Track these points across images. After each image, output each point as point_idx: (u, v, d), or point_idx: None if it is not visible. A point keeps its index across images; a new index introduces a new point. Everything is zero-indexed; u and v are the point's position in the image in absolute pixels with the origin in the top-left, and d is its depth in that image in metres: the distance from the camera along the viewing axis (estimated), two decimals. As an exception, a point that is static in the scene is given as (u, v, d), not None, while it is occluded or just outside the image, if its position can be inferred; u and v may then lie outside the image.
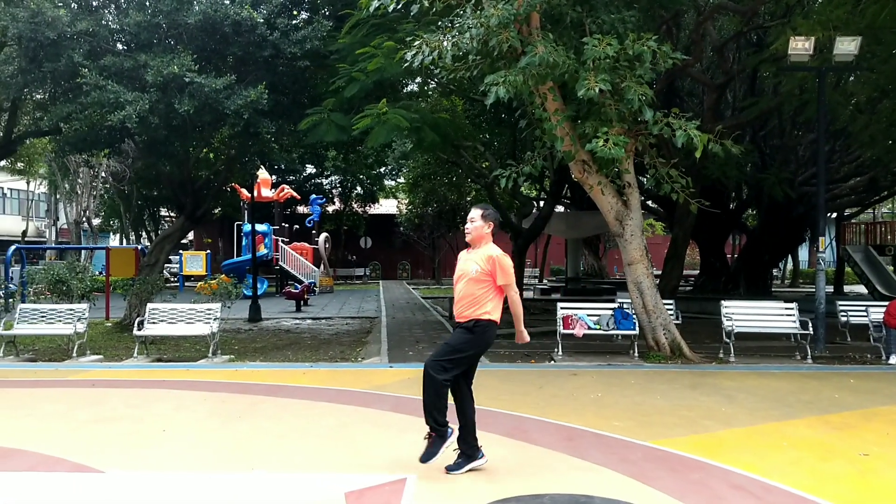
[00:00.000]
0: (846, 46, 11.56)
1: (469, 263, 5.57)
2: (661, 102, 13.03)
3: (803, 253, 44.41)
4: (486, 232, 5.62)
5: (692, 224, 17.35)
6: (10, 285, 18.35)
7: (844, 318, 14.01)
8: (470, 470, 5.44)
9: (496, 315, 5.52)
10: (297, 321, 19.53)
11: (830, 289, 25.86)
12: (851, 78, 15.64)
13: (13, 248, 24.37)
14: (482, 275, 5.48)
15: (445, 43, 9.63)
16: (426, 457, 5.37)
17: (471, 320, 5.46)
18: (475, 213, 5.65)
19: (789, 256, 39.88)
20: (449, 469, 5.42)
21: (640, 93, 9.48)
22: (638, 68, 9.77)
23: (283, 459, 5.88)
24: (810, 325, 11.72)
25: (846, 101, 15.36)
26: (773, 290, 27.56)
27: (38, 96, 16.75)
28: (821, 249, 12.98)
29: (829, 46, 11.83)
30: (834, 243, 30.38)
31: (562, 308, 12.25)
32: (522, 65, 9.45)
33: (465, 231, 5.69)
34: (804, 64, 12.20)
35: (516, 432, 6.71)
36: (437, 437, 5.39)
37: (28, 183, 44.73)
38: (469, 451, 5.50)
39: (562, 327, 11.90)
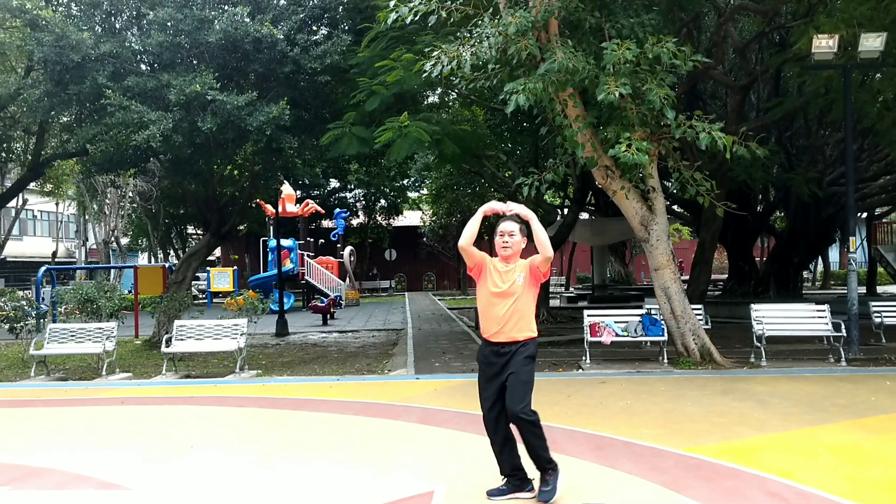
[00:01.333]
0: (871, 43, 11.38)
1: (511, 275, 5.08)
2: (683, 106, 12.92)
3: (833, 254, 43.71)
4: (524, 246, 5.23)
5: (719, 228, 17.13)
6: (42, 306, 18.59)
7: (878, 319, 13.73)
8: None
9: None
10: (324, 335, 19.56)
11: (863, 290, 25.40)
12: (878, 75, 15.38)
13: (43, 269, 24.74)
14: (529, 284, 5.11)
15: (464, 53, 9.62)
16: (549, 496, 4.97)
17: (529, 340, 5.11)
18: (514, 227, 5.11)
19: (819, 258, 39.28)
20: (492, 494, 5.14)
21: (662, 94, 9.39)
22: (659, 71, 9.69)
23: (311, 474, 5.85)
24: (843, 327, 11.48)
25: (873, 98, 15.08)
26: (803, 292, 27.11)
27: (65, 119, 16.99)
28: (851, 249, 12.74)
29: (854, 44, 11.65)
30: (865, 243, 29.85)
31: (589, 315, 12.13)
32: (542, 72, 9.41)
33: (504, 245, 5.09)
34: (829, 62, 12.02)
35: (545, 442, 6.62)
36: (552, 472, 5.03)
37: (57, 205, 45.44)
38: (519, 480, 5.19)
39: (589, 335, 11.78)
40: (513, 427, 5.03)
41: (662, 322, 11.75)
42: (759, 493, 5.08)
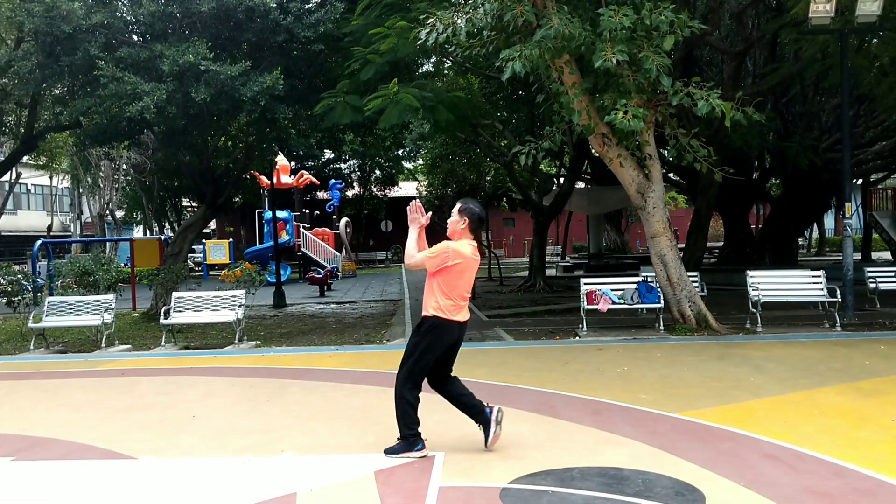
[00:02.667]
0: (869, 7, 11.29)
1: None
2: (679, 72, 12.84)
3: (829, 221, 43.79)
4: (462, 228, 5.60)
5: (715, 195, 17.13)
6: (38, 279, 18.58)
7: (873, 285, 13.83)
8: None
9: None
10: (322, 306, 19.63)
11: (858, 256, 25.50)
12: (875, 40, 15.29)
13: (39, 242, 24.71)
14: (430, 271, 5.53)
15: (459, 20, 9.56)
16: (391, 451, 5.39)
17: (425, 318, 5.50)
18: (454, 209, 5.69)
19: (815, 225, 39.38)
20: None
21: (658, 62, 9.34)
22: (656, 38, 9.63)
23: (313, 441, 5.92)
24: (838, 292, 11.56)
25: (870, 63, 15.01)
26: (799, 259, 27.21)
27: (57, 91, 16.86)
28: (847, 215, 12.78)
29: (851, 7, 11.57)
30: (860, 210, 29.90)
31: (585, 284, 12.18)
32: (538, 38, 9.35)
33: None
34: (825, 27, 11.93)
35: (543, 408, 6.70)
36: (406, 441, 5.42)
37: (51, 178, 45.21)
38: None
39: (586, 303, 11.83)
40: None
41: (659, 289, 11.81)
42: (755, 455, 5.15)
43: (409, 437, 5.35)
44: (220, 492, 4.78)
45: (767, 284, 11.98)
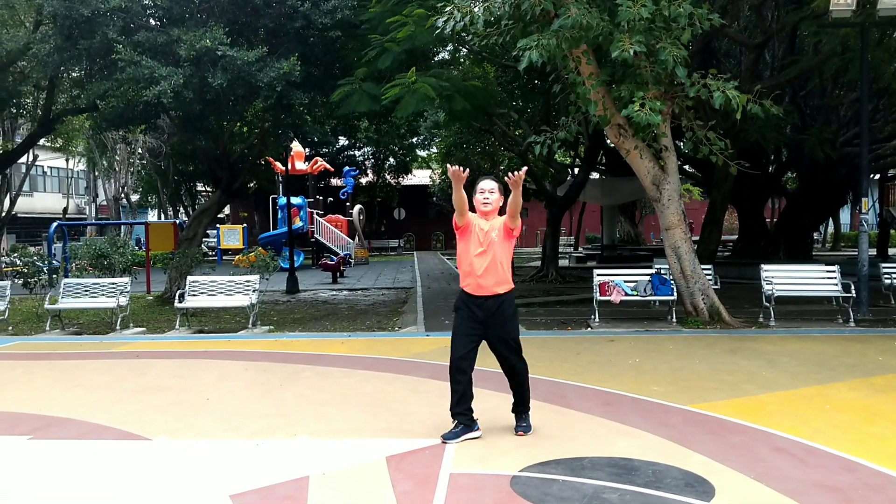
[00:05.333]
0: (891, 0, 11.18)
1: (491, 233, 5.43)
2: (697, 64, 12.78)
3: (845, 216, 43.52)
4: (500, 204, 5.56)
5: (730, 188, 17.05)
6: (54, 261, 18.74)
7: (888, 281, 13.74)
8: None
9: None
10: (334, 292, 19.71)
11: (873, 252, 25.32)
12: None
13: (55, 224, 24.90)
14: (505, 239, 5.45)
15: (477, 8, 9.54)
16: (448, 437, 5.41)
17: (509, 292, 5.48)
18: (493, 185, 5.50)
19: (830, 220, 39.10)
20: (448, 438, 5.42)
21: (675, 54, 9.29)
22: (674, 30, 9.58)
23: (325, 426, 5.97)
24: (852, 287, 11.50)
25: (890, 57, 14.87)
26: (813, 254, 27.07)
27: (75, 74, 16.93)
28: (863, 211, 12.69)
29: (873, 1, 11.45)
30: (877, 205, 29.66)
31: (598, 275, 12.17)
32: (555, 28, 9.32)
33: (485, 202, 5.45)
34: (846, 20, 11.81)
35: (554, 398, 6.72)
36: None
37: (67, 161, 45.48)
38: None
39: (598, 294, 11.83)
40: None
41: (672, 282, 11.79)
42: (766, 449, 5.16)
43: (459, 417, 5.43)
44: (233, 474, 4.84)
45: (781, 278, 11.93)
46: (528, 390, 5.65)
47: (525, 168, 5.48)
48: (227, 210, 47.33)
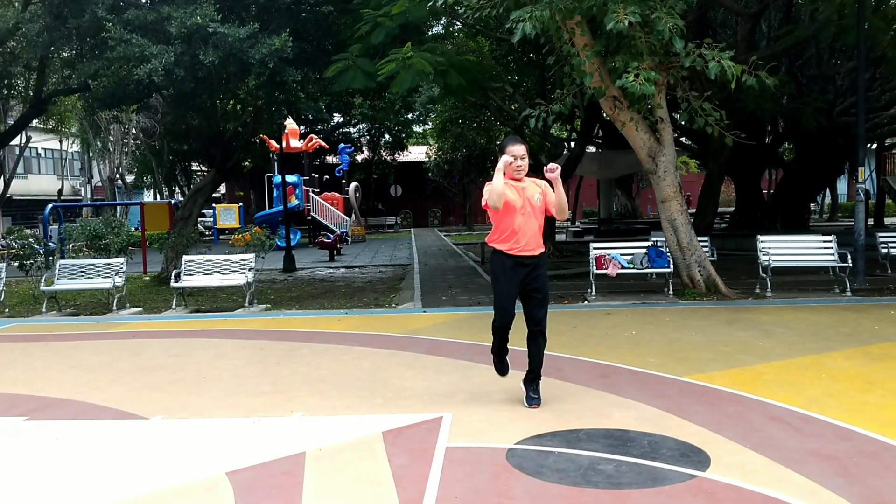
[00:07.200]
0: (887, -34, 11.06)
1: (532, 198, 5.44)
2: (692, 34, 12.65)
3: (842, 186, 43.48)
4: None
5: (727, 159, 16.99)
6: (50, 243, 18.71)
7: (885, 250, 13.72)
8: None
9: None
10: (331, 270, 19.70)
11: (871, 221, 25.31)
12: (893, 1, 15.01)
13: (50, 206, 24.82)
14: (542, 211, 5.52)
15: (469, -20, 9.41)
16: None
17: (543, 252, 5.55)
18: (524, 149, 5.48)
19: (827, 190, 39.06)
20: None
21: (671, 23, 9.20)
22: (669, -1, 9.47)
23: (322, 402, 5.97)
24: (849, 257, 11.49)
25: (887, 25, 14.73)
26: (811, 224, 27.05)
27: (65, 54, 16.79)
28: (860, 180, 12.65)
29: (870, -33, 11.34)
30: (874, 175, 29.58)
31: (594, 248, 12.16)
32: (548, -1, 9.21)
33: (518, 168, 5.41)
34: (843, -13, 11.71)
35: (551, 370, 6.70)
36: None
37: (61, 142, 45.25)
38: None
39: (595, 267, 11.82)
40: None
41: (668, 254, 11.77)
42: (762, 418, 5.17)
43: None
44: (229, 451, 4.84)
45: (778, 249, 11.91)
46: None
47: (558, 165, 5.46)
48: (223, 189, 47.21)
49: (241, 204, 36.25)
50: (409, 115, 42.02)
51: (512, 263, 5.44)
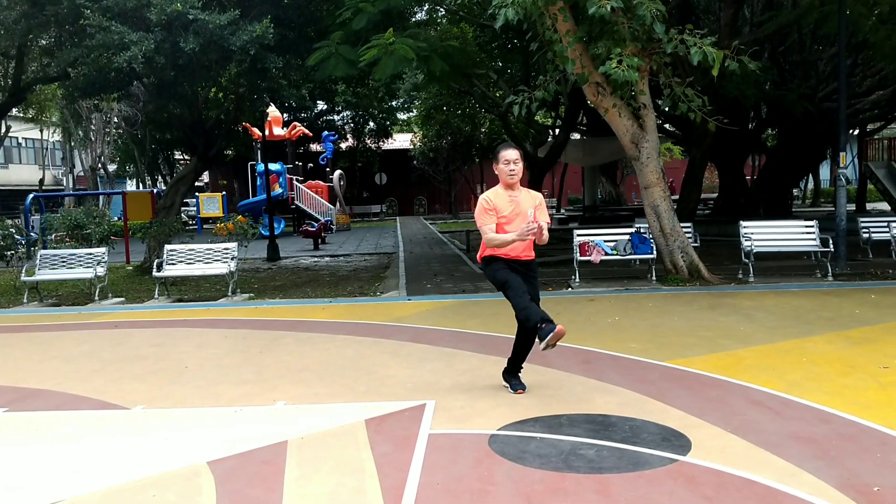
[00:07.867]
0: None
1: (526, 205, 5.38)
2: (675, 20, 12.65)
3: (824, 172, 43.69)
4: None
5: (710, 145, 17.05)
6: (31, 233, 18.53)
7: (866, 235, 13.85)
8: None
9: None
10: (316, 259, 19.63)
11: (853, 207, 25.49)
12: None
13: (31, 196, 24.58)
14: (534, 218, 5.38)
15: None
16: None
17: (534, 260, 5.57)
18: (518, 154, 5.42)
19: (810, 176, 39.28)
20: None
21: (653, 9, 9.19)
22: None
23: (305, 390, 5.96)
24: (831, 242, 11.57)
25: (868, 11, 14.79)
26: (793, 210, 27.22)
27: (44, 42, 16.57)
28: (842, 165, 12.73)
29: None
30: (856, 160, 29.76)
31: (578, 235, 12.18)
32: (531, -15, 9.17)
33: (511, 173, 5.33)
34: (824, -28, 11.74)
35: (534, 357, 6.68)
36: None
37: (42, 132, 44.78)
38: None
39: (579, 254, 11.85)
40: None
41: (651, 240, 11.81)
42: (743, 402, 5.20)
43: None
44: (210, 440, 4.82)
45: (760, 235, 11.98)
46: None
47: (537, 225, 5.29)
48: (206, 178, 46.91)
49: (224, 193, 36.04)
50: (394, 103, 41.78)
51: (506, 265, 5.47)
